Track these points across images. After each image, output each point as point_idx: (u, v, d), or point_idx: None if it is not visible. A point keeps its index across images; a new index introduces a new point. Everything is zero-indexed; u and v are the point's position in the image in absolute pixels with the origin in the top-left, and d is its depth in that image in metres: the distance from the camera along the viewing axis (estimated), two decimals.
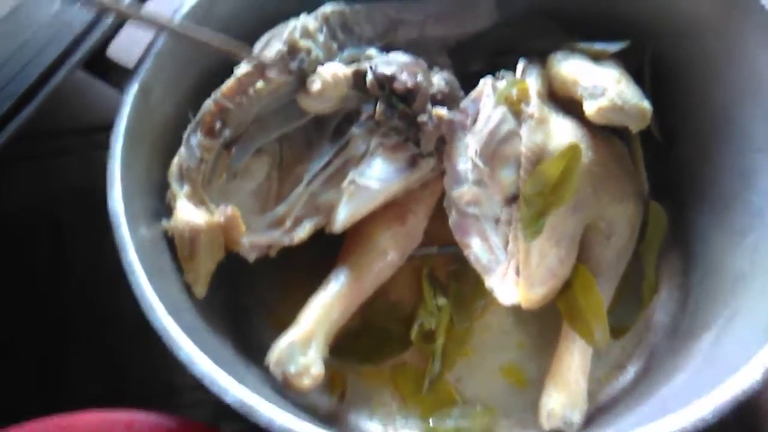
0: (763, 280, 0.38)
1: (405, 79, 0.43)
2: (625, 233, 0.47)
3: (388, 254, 0.47)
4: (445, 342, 0.49)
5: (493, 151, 0.42)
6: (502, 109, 0.43)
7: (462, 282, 0.51)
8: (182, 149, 0.42)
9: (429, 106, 0.43)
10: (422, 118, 0.43)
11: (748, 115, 0.44)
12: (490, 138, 0.42)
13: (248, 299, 0.51)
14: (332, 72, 0.44)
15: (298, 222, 0.46)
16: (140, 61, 0.43)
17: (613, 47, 0.48)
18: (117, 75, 0.42)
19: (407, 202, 0.48)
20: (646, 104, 0.43)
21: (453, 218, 0.44)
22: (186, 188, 0.41)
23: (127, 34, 0.43)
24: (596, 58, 0.49)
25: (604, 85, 0.42)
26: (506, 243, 0.43)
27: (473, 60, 0.57)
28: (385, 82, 0.43)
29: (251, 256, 0.44)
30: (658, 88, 0.50)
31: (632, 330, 0.49)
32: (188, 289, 0.41)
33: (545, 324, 0.49)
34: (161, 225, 0.41)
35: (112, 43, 0.43)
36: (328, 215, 0.46)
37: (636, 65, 0.51)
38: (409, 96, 0.43)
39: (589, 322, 0.44)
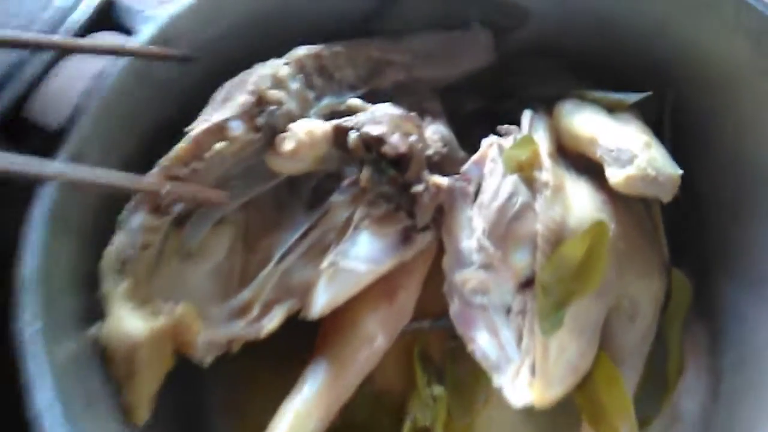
0: None
1: (396, 142, 0.35)
2: (650, 312, 0.41)
3: (375, 340, 0.40)
4: None
5: (505, 231, 0.35)
6: (512, 179, 0.36)
7: (460, 363, 0.44)
8: (119, 234, 0.34)
9: (425, 173, 0.36)
10: (417, 188, 0.36)
11: None
12: (500, 215, 0.35)
13: (209, 397, 0.43)
14: (308, 129, 0.37)
15: (267, 309, 0.38)
16: (69, 120, 0.34)
17: (633, 97, 0.42)
18: (37, 140, 0.34)
19: (397, 276, 0.40)
20: (677, 171, 0.37)
21: (455, 307, 0.37)
22: (124, 284, 0.33)
23: (51, 86, 0.35)
24: (611, 109, 0.43)
25: (631, 149, 0.36)
26: (519, 337, 0.36)
27: (468, 100, 0.50)
28: (373, 145, 0.36)
29: (207, 359, 0.36)
30: (680, 142, 0.44)
31: (658, 421, 0.43)
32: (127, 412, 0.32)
33: (560, 419, 0.42)
34: (90, 334, 0.33)
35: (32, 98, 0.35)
36: (304, 298, 0.39)
37: (655, 115, 0.45)
38: (401, 162, 0.36)
39: (614, 422, 0.38)
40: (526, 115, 0.42)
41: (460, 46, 0.47)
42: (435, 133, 0.41)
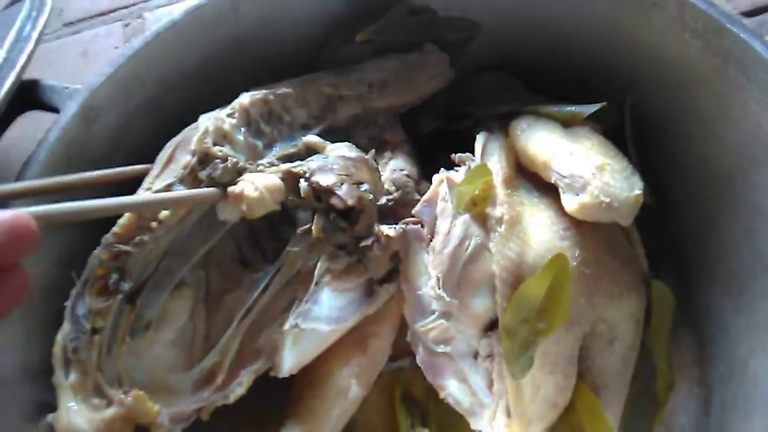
0: None
1: (345, 195, 0.34)
2: (630, 332, 0.39)
3: (350, 391, 0.38)
4: None
5: (459, 278, 0.34)
6: (463, 221, 0.35)
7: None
8: (65, 324, 0.33)
9: (376, 227, 0.35)
10: (366, 242, 0.34)
11: (756, 188, 0.36)
12: (453, 261, 0.34)
13: None
14: (261, 184, 0.35)
15: (233, 374, 0.37)
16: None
17: (587, 109, 0.40)
18: None
19: (367, 324, 0.39)
20: (636, 191, 0.35)
21: (421, 356, 0.36)
22: (73, 377, 0.32)
23: None
24: (567, 123, 0.41)
25: (583, 175, 0.34)
26: (490, 381, 0.35)
27: (425, 122, 0.48)
28: (323, 195, 0.35)
29: None
30: (646, 145, 0.42)
31: None
32: None
33: None
34: (45, 423, 0.32)
35: None
36: (271, 358, 0.37)
37: (616, 123, 0.43)
38: (351, 215, 0.34)
39: None
40: (479, 140, 0.40)
41: (415, 70, 0.45)
42: (395, 171, 0.40)
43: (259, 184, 0.35)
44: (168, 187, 0.36)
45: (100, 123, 0.36)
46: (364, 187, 0.35)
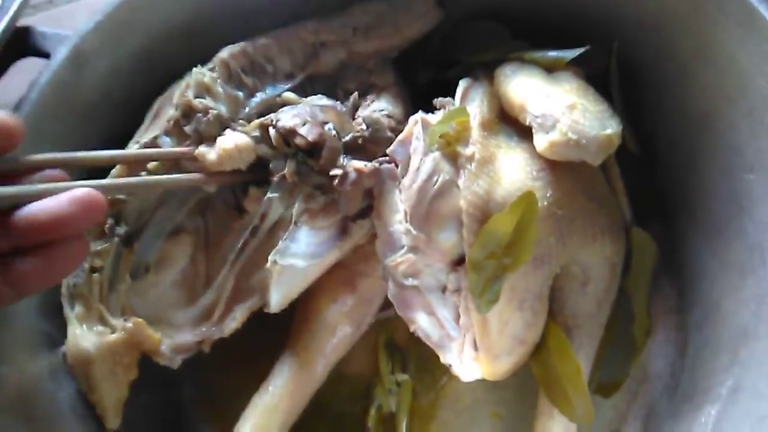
0: None
1: (306, 131, 0.35)
2: (605, 276, 0.40)
3: (339, 330, 0.40)
4: (408, 421, 0.42)
5: (426, 212, 0.35)
6: (432, 158, 0.35)
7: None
8: None
9: (341, 159, 0.36)
10: (334, 172, 0.35)
11: (733, 126, 0.36)
12: (420, 196, 0.35)
13: (185, 390, 0.44)
14: (229, 144, 0.37)
15: (228, 310, 0.39)
16: None
17: (569, 54, 0.40)
18: None
19: (355, 262, 0.40)
20: (609, 131, 0.35)
21: (391, 290, 0.37)
22: (77, 309, 0.35)
23: None
24: (551, 68, 0.41)
25: (554, 114, 0.34)
26: (457, 315, 0.36)
27: (419, 72, 0.49)
28: (288, 137, 0.36)
29: (176, 362, 0.37)
30: (630, 93, 0.42)
31: (627, 383, 0.42)
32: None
33: (524, 388, 0.42)
34: (60, 352, 0.35)
35: None
36: (264, 295, 0.39)
37: (601, 69, 0.43)
38: (314, 151, 0.35)
39: (568, 392, 0.37)
40: (461, 86, 0.41)
41: (401, 12, 0.45)
42: (374, 111, 0.40)
43: (230, 142, 0.37)
44: (154, 140, 0.38)
45: (90, 68, 0.38)
46: (328, 126, 0.36)
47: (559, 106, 0.35)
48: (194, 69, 0.39)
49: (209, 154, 0.36)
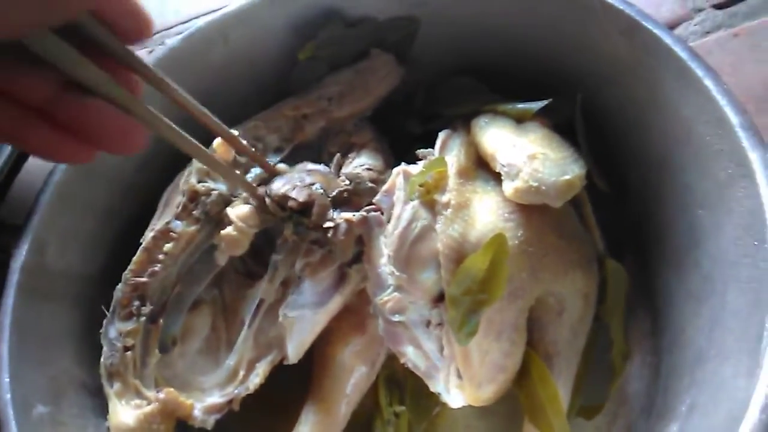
0: (719, 366, 0.34)
1: (296, 194, 0.40)
2: (578, 306, 0.43)
3: (356, 371, 0.43)
4: None
5: (407, 255, 0.39)
6: (412, 206, 0.40)
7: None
8: (104, 346, 0.40)
9: (330, 213, 0.40)
10: (327, 225, 0.40)
11: (684, 168, 0.40)
12: (401, 241, 0.39)
13: None
14: (239, 214, 0.42)
15: (251, 367, 0.43)
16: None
17: (535, 105, 0.45)
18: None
19: (362, 306, 0.43)
20: (568, 176, 0.39)
21: (381, 326, 0.41)
22: (116, 386, 0.39)
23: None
24: (520, 119, 0.46)
25: (517, 163, 0.39)
26: (441, 347, 0.40)
27: (408, 125, 0.54)
28: (283, 203, 0.41)
29: (210, 423, 0.41)
30: (598, 137, 0.46)
31: (607, 405, 0.45)
32: None
33: (513, 415, 0.45)
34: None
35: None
36: (282, 348, 0.43)
37: (568, 118, 0.47)
38: (306, 210, 0.40)
39: (549, 415, 0.40)
40: (440, 137, 0.45)
41: (366, 75, 0.50)
42: (356, 167, 0.45)
43: (239, 213, 0.42)
44: (167, 225, 0.43)
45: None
46: (315, 186, 0.41)
47: (522, 155, 0.39)
48: (194, 159, 0.44)
49: (227, 231, 0.41)
